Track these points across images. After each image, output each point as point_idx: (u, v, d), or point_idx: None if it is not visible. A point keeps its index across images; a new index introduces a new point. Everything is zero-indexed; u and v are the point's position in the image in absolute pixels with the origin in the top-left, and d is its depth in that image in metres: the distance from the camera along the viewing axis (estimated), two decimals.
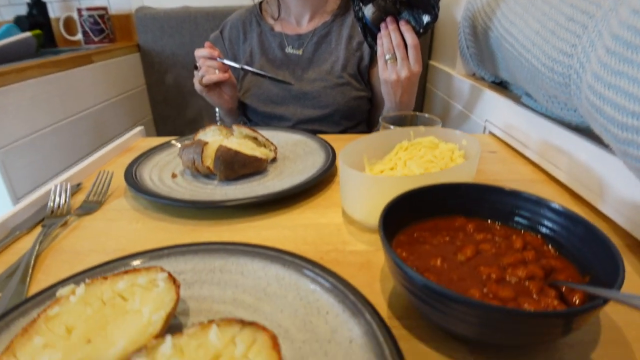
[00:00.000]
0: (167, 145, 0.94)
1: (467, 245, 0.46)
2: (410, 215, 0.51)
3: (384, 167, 0.69)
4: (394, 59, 0.98)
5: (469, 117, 1.24)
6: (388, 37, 0.96)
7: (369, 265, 0.53)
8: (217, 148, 0.75)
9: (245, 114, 1.32)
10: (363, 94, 1.26)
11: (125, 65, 1.71)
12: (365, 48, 1.25)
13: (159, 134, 1.96)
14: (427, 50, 1.68)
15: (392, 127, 0.81)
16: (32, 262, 0.56)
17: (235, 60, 1.30)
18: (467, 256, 0.45)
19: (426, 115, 0.86)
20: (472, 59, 1.21)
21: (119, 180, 0.79)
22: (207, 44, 1.10)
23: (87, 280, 0.42)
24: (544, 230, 0.49)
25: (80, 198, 0.76)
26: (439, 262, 0.44)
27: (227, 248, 0.51)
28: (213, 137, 0.84)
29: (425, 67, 1.69)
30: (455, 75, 1.35)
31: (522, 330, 0.34)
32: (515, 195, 0.51)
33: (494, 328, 0.34)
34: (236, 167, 0.75)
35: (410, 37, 0.95)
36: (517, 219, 0.51)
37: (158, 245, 0.56)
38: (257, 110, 1.27)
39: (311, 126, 1.24)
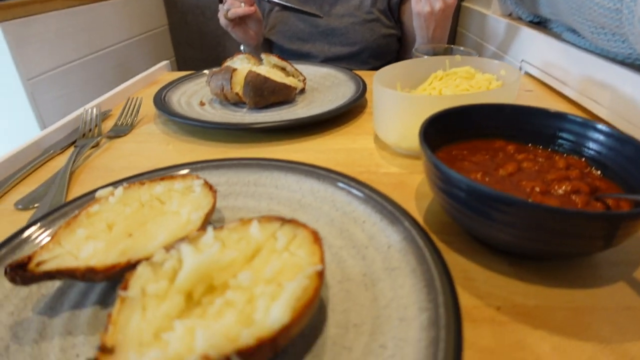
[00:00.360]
0: (194, 75, 0.92)
1: (508, 162, 0.45)
2: (447, 136, 0.50)
3: None
4: None
5: (503, 58, 1.19)
6: None
7: (403, 186, 0.52)
8: (246, 74, 0.73)
9: (270, 53, 1.29)
10: (392, 31, 1.22)
11: (146, 3, 1.68)
12: None
13: None
14: None
15: (425, 56, 0.78)
16: (68, 176, 0.57)
17: None
18: (509, 172, 0.43)
19: (461, 48, 0.83)
20: None
21: (147, 108, 0.79)
22: None
23: (125, 184, 0.42)
24: (588, 152, 0.47)
25: (109, 124, 0.76)
26: (479, 176, 0.43)
27: (261, 163, 0.51)
28: (242, 65, 0.82)
29: (457, 10, 1.62)
30: (491, 15, 1.29)
31: (567, 232, 0.33)
32: (560, 117, 0.49)
33: (540, 230, 0.33)
34: (265, 93, 0.74)
35: None
36: (560, 142, 0.49)
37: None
38: (283, 48, 1.23)
39: (338, 65, 1.20)
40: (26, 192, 0.54)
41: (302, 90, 0.84)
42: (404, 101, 0.55)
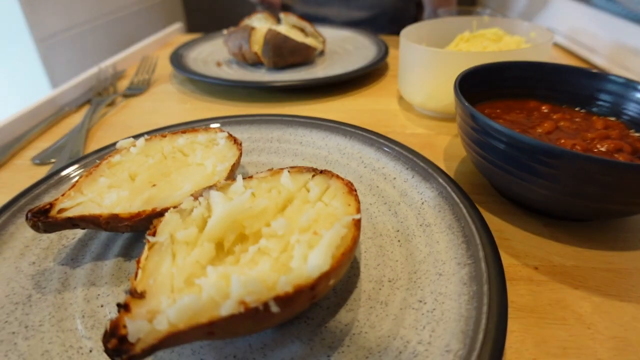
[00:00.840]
0: (210, 36, 0.90)
1: (545, 121, 0.43)
2: (479, 95, 0.48)
3: None
4: None
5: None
6: None
7: (431, 146, 0.50)
8: (265, 32, 0.71)
9: None
10: None
11: None
12: None
13: None
14: None
15: (455, 12, 0.75)
16: (85, 132, 0.55)
17: None
18: (547, 130, 0.41)
19: (487, 10, 0.79)
20: None
21: (163, 69, 0.77)
22: None
23: (146, 136, 0.41)
24: (628, 114, 0.45)
25: (124, 83, 0.74)
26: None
27: (284, 119, 0.49)
28: (260, 24, 0.79)
29: None
30: None
31: (619, 186, 0.31)
32: (600, 77, 0.47)
33: (589, 184, 0.31)
34: (285, 53, 0.71)
35: None
36: (597, 103, 0.47)
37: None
38: (299, 11, 1.20)
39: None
40: (43, 147, 0.53)
41: (322, 53, 0.82)
42: (433, 57, 0.53)
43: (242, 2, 1.21)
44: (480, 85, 0.47)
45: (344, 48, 0.84)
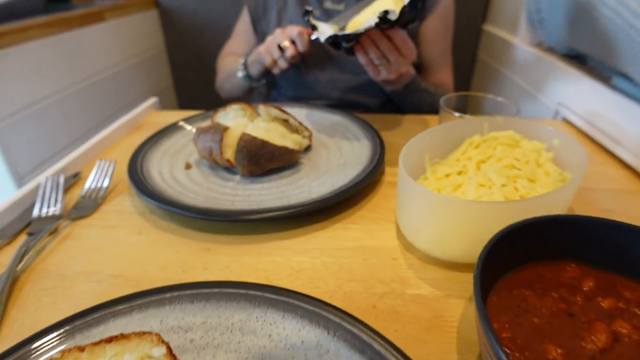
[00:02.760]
0: (181, 126, 0.80)
1: (595, 323, 0.32)
2: (503, 261, 0.37)
3: (450, 170, 0.54)
4: (385, 62, 0.76)
5: (534, 98, 1.05)
6: (373, 46, 0.72)
7: (441, 322, 0.39)
8: (239, 137, 0.61)
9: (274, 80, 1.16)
10: None
11: (141, 24, 1.54)
12: None
13: (180, 100, 1.82)
14: (482, 11, 1.46)
15: (456, 114, 0.65)
16: (7, 292, 0.44)
17: (266, 12, 1.11)
18: (602, 345, 0.30)
19: (498, 98, 0.70)
20: (542, 24, 1.02)
21: (124, 170, 0.66)
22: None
23: (58, 355, 0.30)
24: None
25: (77, 193, 0.63)
26: (559, 355, 0.29)
27: (250, 294, 0.38)
28: (235, 119, 0.69)
29: (478, 33, 1.48)
30: (517, 44, 1.15)
31: None
32: None
33: None
34: (262, 161, 0.61)
35: (399, 37, 0.71)
36: None
37: (162, 268, 0.46)
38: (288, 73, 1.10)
39: (350, 96, 1.07)
40: None
41: (309, 147, 0.71)
42: (440, 203, 0.42)
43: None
44: (505, 252, 0.36)
45: (332, 138, 0.74)
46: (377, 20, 0.62)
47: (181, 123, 0.79)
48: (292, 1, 1.06)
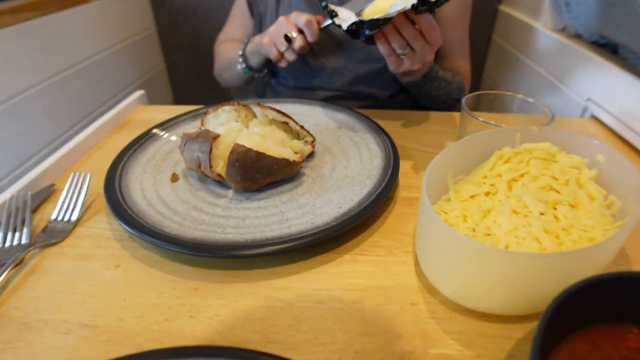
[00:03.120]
0: (171, 124, 0.72)
1: None
2: (559, 326, 0.30)
3: (476, 190, 0.47)
4: (410, 51, 0.66)
5: (558, 90, 0.96)
6: (396, 34, 0.63)
7: None
8: (231, 148, 0.53)
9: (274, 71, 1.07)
10: None
11: (128, 4, 1.42)
12: None
13: (173, 86, 1.72)
14: None
15: (481, 119, 0.57)
16: None
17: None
18: None
19: (530, 99, 0.61)
20: (569, 7, 0.92)
21: (102, 182, 0.58)
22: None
23: None
24: None
25: (49, 209, 0.56)
26: None
27: None
28: (227, 124, 0.61)
29: (494, 14, 1.37)
30: (540, 29, 1.05)
31: None
32: None
33: None
34: (258, 176, 0.53)
35: (426, 22, 0.62)
36: None
37: (141, 315, 0.40)
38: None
39: (360, 85, 0.98)
40: None
41: (312, 154, 0.63)
42: (473, 252, 0.34)
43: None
44: (564, 317, 0.29)
45: (339, 144, 0.66)
46: (414, 1, 0.53)
47: (155, 130, 0.69)
48: None
